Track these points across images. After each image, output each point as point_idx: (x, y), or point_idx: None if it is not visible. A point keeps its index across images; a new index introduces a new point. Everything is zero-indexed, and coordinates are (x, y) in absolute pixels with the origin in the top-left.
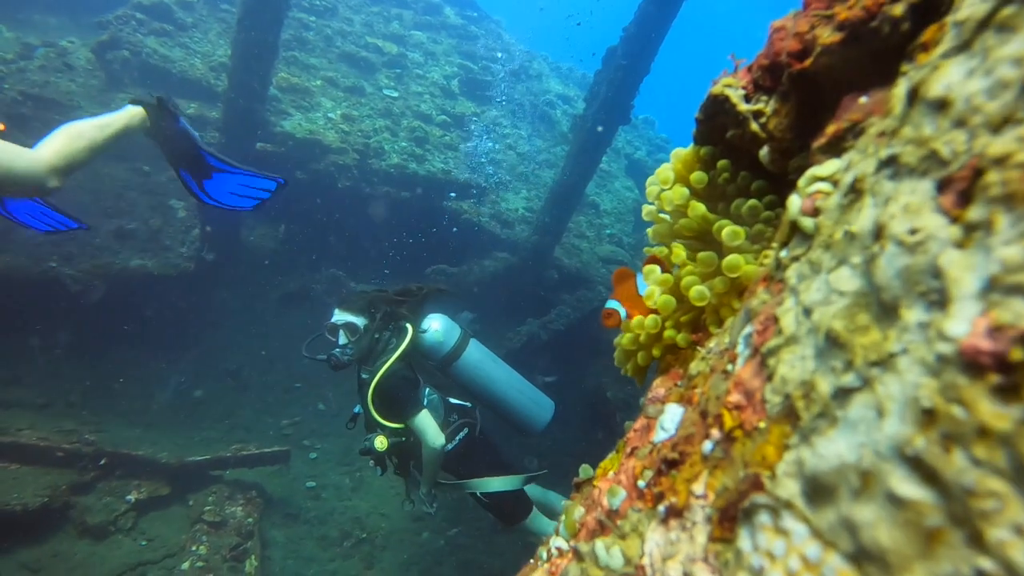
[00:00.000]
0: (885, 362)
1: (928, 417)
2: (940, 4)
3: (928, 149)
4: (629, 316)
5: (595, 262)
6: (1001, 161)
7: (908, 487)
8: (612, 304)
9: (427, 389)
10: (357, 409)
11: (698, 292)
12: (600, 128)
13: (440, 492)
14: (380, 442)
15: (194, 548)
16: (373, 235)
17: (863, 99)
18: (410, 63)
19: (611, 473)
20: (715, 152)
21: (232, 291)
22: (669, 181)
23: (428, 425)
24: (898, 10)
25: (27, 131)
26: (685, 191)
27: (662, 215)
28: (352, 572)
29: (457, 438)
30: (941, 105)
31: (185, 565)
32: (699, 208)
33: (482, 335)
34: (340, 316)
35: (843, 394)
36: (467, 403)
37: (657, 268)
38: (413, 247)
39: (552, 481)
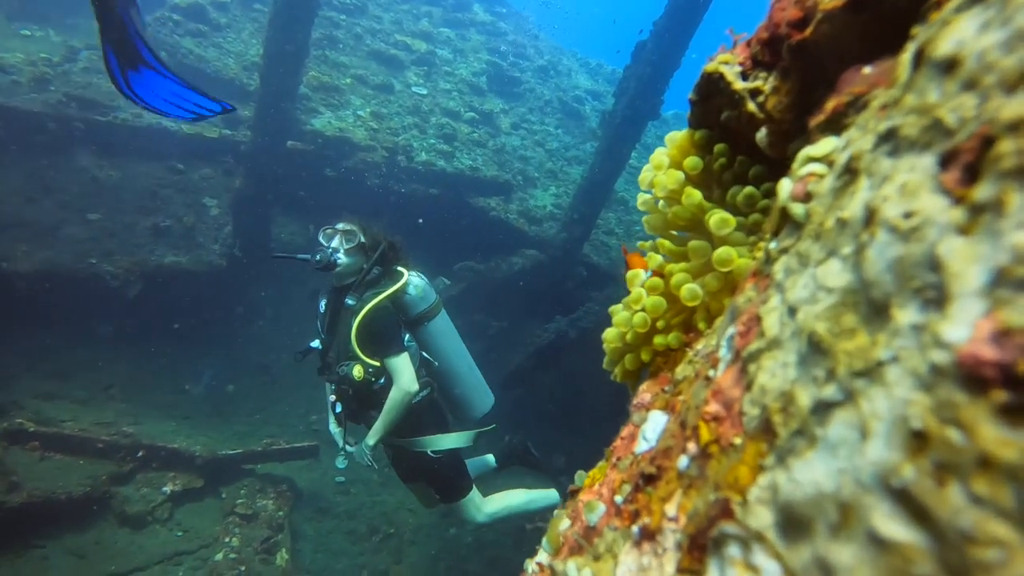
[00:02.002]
0: (871, 372)
1: (919, 441)
2: None
3: (931, 118)
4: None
5: (624, 259)
6: (1016, 127)
7: (893, 526)
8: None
9: (406, 336)
10: (315, 344)
11: (689, 291)
12: (629, 124)
13: (384, 449)
14: (358, 371)
15: (227, 540)
16: (401, 232)
17: (867, 69)
18: (439, 60)
19: (596, 484)
20: (711, 136)
21: (263, 287)
22: (663, 166)
23: (405, 367)
24: None
25: (70, 130)
26: (679, 175)
27: (656, 204)
28: (380, 566)
29: (420, 394)
30: (950, 66)
31: (219, 556)
32: (694, 195)
33: (510, 332)
34: (341, 225)
35: (823, 409)
36: (435, 361)
37: (641, 273)
38: (441, 244)
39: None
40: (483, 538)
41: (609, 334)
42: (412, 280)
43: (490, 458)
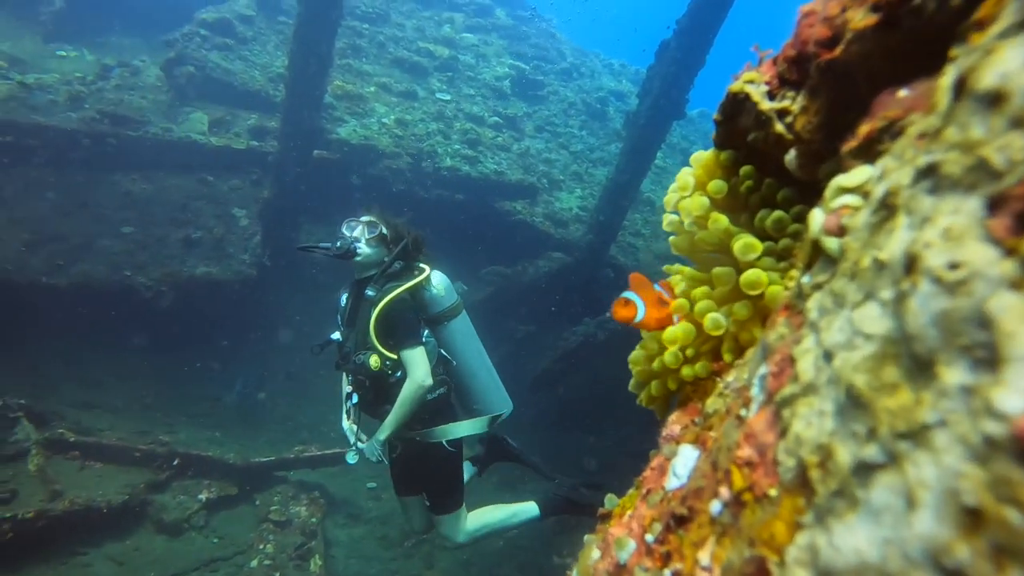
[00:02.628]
0: (917, 435)
1: (973, 519)
2: None
3: (976, 157)
4: (646, 316)
5: (652, 260)
6: None
7: None
8: (629, 295)
9: (426, 331)
10: (335, 336)
11: (713, 321)
12: (653, 124)
13: (394, 445)
14: (374, 360)
15: (261, 547)
16: (427, 237)
17: (903, 92)
18: (462, 66)
19: (627, 514)
20: (736, 157)
21: (292, 295)
22: (688, 188)
23: (421, 361)
24: None
25: (104, 146)
26: (705, 201)
27: (683, 225)
28: (413, 572)
29: (436, 392)
30: (995, 100)
31: (254, 563)
32: (721, 220)
33: (537, 335)
34: (365, 217)
35: (865, 470)
36: (453, 360)
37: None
38: (467, 249)
39: (609, 486)
40: (515, 542)
41: (636, 356)
42: (435, 277)
43: (467, 465)
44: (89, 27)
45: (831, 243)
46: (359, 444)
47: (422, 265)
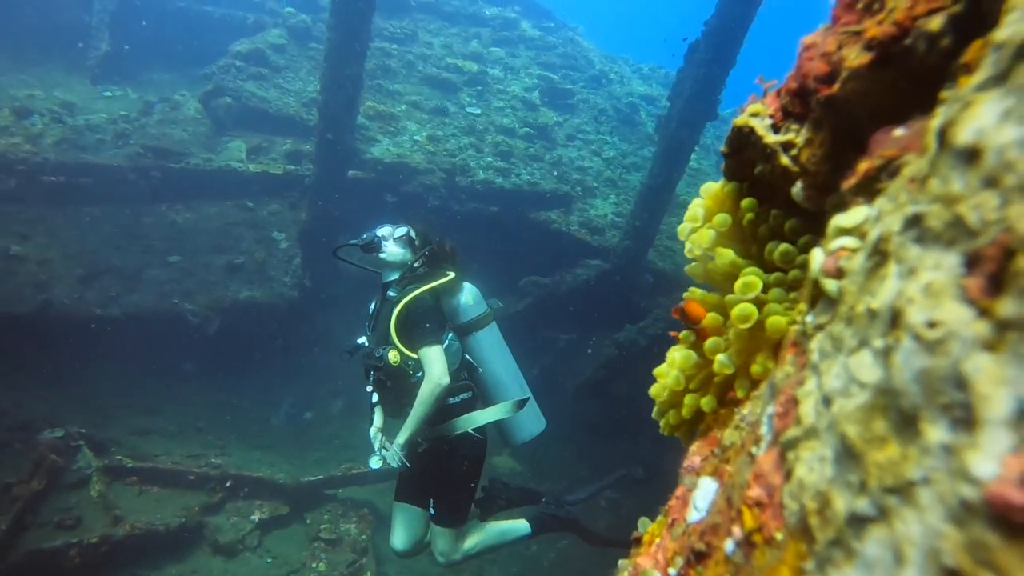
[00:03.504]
0: (903, 491)
1: None
2: (988, 13)
3: (953, 214)
4: (692, 317)
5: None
6: None
7: None
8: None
9: (450, 335)
10: (361, 340)
11: (720, 364)
12: (686, 126)
13: (419, 443)
14: (393, 355)
15: (314, 565)
16: (463, 251)
17: (899, 131)
18: (490, 79)
19: (655, 543)
20: (740, 189)
21: (334, 315)
22: (698, 219)
23: (438, 359)
24: (935, 24)
25: (148, 178)
26: (712, 234)
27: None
28: None
29: (460, 396)
30: (971, 156)
31: None
32: (726, 255)
33: (578, 344)
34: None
35: (858, 522)
36: (479, 368)
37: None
38: (504, 261)
39: (647, 498)
40: (565, 554)
41: (655, 389)
42: (465, 287)
43: None
44: (132, 66)
45: (830, 285)
46: (382, 451)
47: (449, 272)
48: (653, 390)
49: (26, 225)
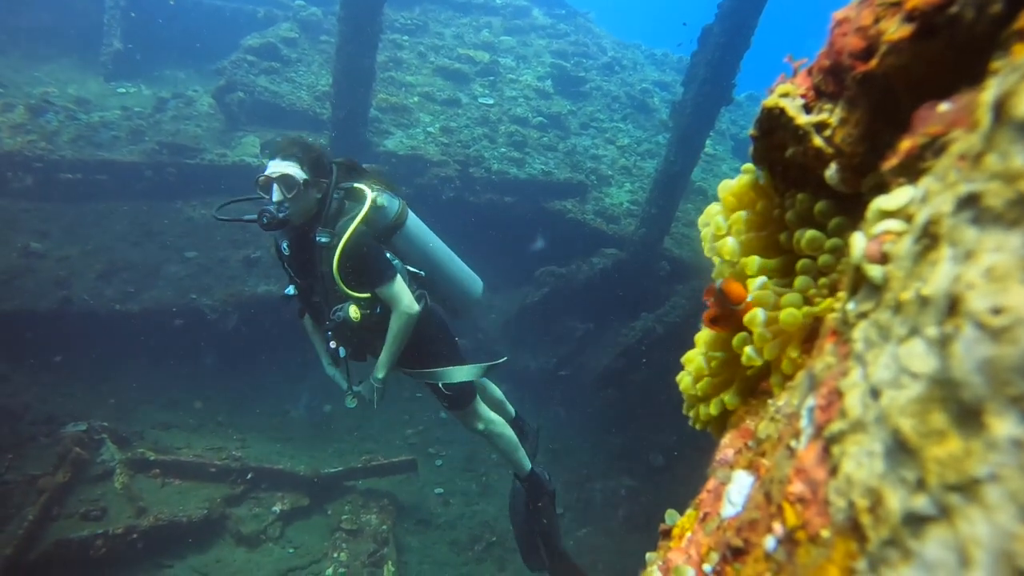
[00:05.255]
0: (967, 488)
1: None
2: None
3: (1016, 190)
4: (734, 298)
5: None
6: None
7: None
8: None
9: (388, 255)
10: (290, 290)
11: (747, 356)
12: (701, 111)
13: (394, 382)
14: (354, 312)
15: (335, 555)
16: (479, 242)
17: (944, 106)
18: (502, 69)
19: (687, 536)
20: (755, 182)
21: None
22: (721, 229)
23: (402, 291)
24: None
25: (163, 174)
26: (734, 246)
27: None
28: (485, 575)
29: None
30: None
31: (329, 571)
32: (752, 263)
33: (596, 333)
34: (276, 167)
35: (916, 521)
36: (420, 271)
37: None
38: (520, 251)
39: (677, 481)
40: (585, 542)
41: (683, 380)
42: (378, 196)
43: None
44: (145, 63)
45: (874, 271)
46: (355, 388)
47: (357, 186)
48: (682, 383)
49: (45, 222)
